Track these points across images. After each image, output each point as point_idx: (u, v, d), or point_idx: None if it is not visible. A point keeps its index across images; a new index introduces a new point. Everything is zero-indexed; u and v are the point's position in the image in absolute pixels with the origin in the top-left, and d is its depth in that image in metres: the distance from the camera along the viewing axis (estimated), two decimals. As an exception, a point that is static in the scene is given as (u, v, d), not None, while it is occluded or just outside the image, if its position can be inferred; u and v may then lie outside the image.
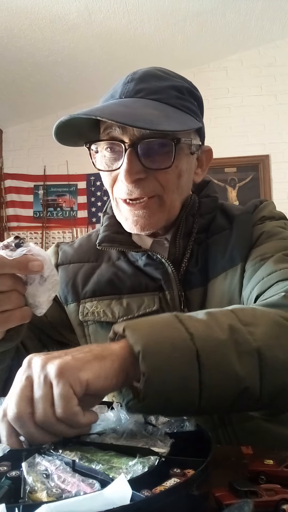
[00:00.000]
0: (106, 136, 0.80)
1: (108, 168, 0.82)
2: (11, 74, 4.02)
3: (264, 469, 0.51)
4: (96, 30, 3.62)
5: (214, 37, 4.02)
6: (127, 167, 0.76)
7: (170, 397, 0.51)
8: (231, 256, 0.85)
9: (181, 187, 0.83)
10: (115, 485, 0.37)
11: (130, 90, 0.80)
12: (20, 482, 0.42)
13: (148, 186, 0.79)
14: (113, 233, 0.90)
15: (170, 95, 0.80)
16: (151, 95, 0.79)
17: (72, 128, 0.80)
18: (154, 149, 0.78)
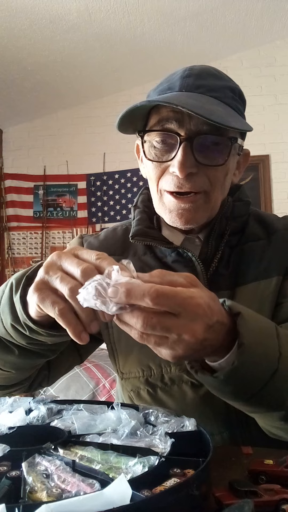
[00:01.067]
0: (161, 127, 0.79)
1: (158, 159, 0.81)
2: (11, 74, 4.02)
3: (264, 469, 0.51)
4: (96, 30, 3.62)
5: (214, 37, 4.02)
6: (182, 159, 0.76)
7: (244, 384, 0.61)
8: (267, 267, 0.85)
9: (225, 186, 0.84)
10: (115, 485, 0.37)
11: (190, 84, 0.79)
12: (20, 482, 0.42)
13: (198, 181, 0.78)
14: (145, 228, 0.90)
15: (227, 95, 0.81)
16: (211, 92, 0.79)
17: (128, 116, 0.79)
18: (208, 145, 0.78)
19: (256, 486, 0.47)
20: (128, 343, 0.88)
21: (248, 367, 0.59)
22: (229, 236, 0.88)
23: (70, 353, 0.95)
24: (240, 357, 0.58)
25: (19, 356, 0.73)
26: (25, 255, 4.79)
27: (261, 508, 0.43)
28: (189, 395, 0.83)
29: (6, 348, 0.72)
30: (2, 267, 4.77)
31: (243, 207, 0.92)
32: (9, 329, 0.69)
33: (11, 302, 0.68)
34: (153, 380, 0.86)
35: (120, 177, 4.63)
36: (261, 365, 0.60)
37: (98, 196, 4.70)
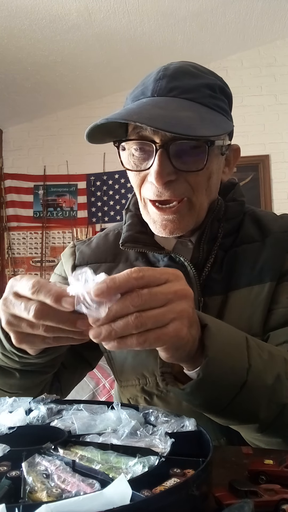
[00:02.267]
0: (136, 135, 0.77)
1: (137, 168, 0.78)
2: (11, 74, 4.02)
3: (264, 469, 0.51)
4: (96, 30, 3.62)
5: (214, 37, 4.02)
6: (158, 168, 0.73)
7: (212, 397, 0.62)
8: (261, 272, 0.83)
9: (210, 188, 0.81)
10: (115, 485, 0.37)
11: (162, 88, 0.76)
12: (20, 482, 0.42)
13: (178, 188, 0.76)
14: (136, 233, 0.87)
15: (204, 94, 0.77)
16: (185, 94, 0.76)
17: (102, 126, 0.77)
18: (186, 150, 0.74)
19: (256, 486, 0.47)
20: (122, 352, 0.88)
21: (214, 380, 0.59)
22: (222, 239, 0.86)
23: (78, 364, 0.95)
24: (205, 370, 0.58)
25: (21, 378, 0.74)
26: (25, 255, 4.79)
27: (261, 508, 0.43)
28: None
29: (6, 372, 0.73)
30: (2, 267, 4.76)
31: (236, 207, 0.89)
32: (1, 357, 0.70)
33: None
34: (149, 388, 0.85)
35: (120, 177, 4.63)
36: (229, 377, 0.60)
37: (98, 196, 4.70)
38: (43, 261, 4.71)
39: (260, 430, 0.66)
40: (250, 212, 0.92)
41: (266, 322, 0.81)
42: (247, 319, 0.81)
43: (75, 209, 4.77)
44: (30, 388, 0.79)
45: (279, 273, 0.83)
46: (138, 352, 0.85)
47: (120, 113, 0.73)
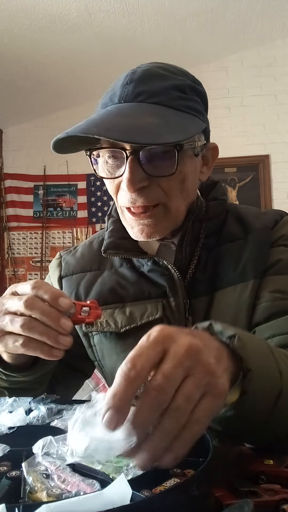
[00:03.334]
0: (107, 143, 0.76)
1: (111, 176, 0.78)
2: (11, 74, 4.02)
3: (264, 469, 0.51)
4: (96, 30, 3.62)
5: (214, 37, 4.02)
6: (129, 175, 0.72)
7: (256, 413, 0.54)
8: (244, 270, 0.83)
9: (186, 190, 0.80)
10: (115, 485, 0.37)
11: (129, 93, 0.76)
12: (20, 482, 0.42)
13: (151, 194, 0.76)
14: (118, 239, 0.87)
15: (172, 97, 0.76)
16: (151, 98, 0.75)
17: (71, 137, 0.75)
18: (157, 155, 0.73)
19: (256, 486, 0.47)
20: (111, 359, 0.87)
21: (256, 394, 0.52)
22: (205, 239, 0.85)
23: (72, 376, 0.95)
24: (249, 385, 0.51)
25: (11, 395, 0.73)
26: (25, 255, 4.79)
27: (261, 508, 0.43)
28: None
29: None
30: (2, 267, 4.76)
31: (218, 207, 0.88)
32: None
33: None
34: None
35: (120, 177, 4.63)
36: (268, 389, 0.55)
37: (98, 196, 4.71)
38: (43, 261, 4.71)
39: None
40: (232, 210, 0.91)
41: (251, 318, 0.81)
42: (233, 318, 0.80)
43: (75, 209, 4.77)
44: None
45: (262, 270, 0.83)
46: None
47: (80, 125, 0.72)
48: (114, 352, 0.86)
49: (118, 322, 0.85)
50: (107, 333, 0.86)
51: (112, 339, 0.86)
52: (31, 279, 4.69)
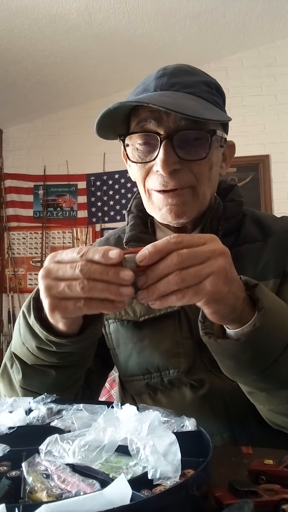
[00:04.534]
0: (140, 129, 0.80)
1: (142, 161, 0.82)
2: (11, 74, 4.02)
3: (264, 469, 0.51)
4: (96, 30, 3.62)
5: (214, 37, 4.02)
6: (164, 157, 0.76)
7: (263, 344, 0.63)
8: (264, 269, 0.85)
9: (212, 179, 0.84)
10: (115, 485, 0.37)
11: (164, 83, 0.80)
12: (20, 482, 0.42)
13: (183, 177, 0.79)
14: (139, 233, 0.91)
15: (202, 90, 0.81)
16: (185, 88, 0.80)
17: (107, 121, 0.80)
18: (189, 141, 0.78)
19: (256, 486, 0.47)
20: (126, 348, 0.89)
21: (268, 332, 0.61)
22: (222, 238, 0.86)
23: (102, 366, 0.97)
24: (261, 319, 0.61)
25: (57, 375, 0.74)
26: (25, 255, 4.79)
27: (261, 508, 0.43)
28: (189, 397, 0.83)
29: (42, 372, 0.74)
30: (2, 267, 4.77)
31: (235, 207, 0.91)
32: (37, 353, 0.70)
33: (29, 328, 0.70)
34: (153, 384, 0.86)
35: (120, 177, 4.63)
36: (278, 333, 0.63)
37: (98, 196, 4.70)
38: (43, 261, 4.70)
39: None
40: (250, 214, 0.95)
41: None
42: None
43: (75, 209, 4.77)
44: (66, 388, 0.78)
45: (282, 271, 0.85)
46: (143, 348, 0.87)
47: (130, 100, 0.77)
48: (130, 341, 0.88)
49: (137, 311, 0.87)
50: (124, 322, 0.89)
51: (129, 328, 0.89)
52: (31, 279, 4.69)
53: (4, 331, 4.65)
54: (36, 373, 0.74)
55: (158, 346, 0.86)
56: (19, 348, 0.74)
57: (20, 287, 4.66)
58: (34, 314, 0.68)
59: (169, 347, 0.85)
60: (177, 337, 0.85)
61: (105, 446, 0.47)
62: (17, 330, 0.75)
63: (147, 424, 0.49)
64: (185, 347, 0.85)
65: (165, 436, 0.48)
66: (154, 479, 0.42)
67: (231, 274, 0.59)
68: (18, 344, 0.74)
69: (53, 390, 0.75)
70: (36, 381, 0.75)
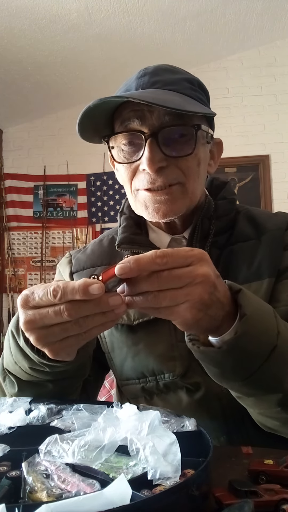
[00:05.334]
0: (124, 129, 0.80)
1: (127, 161, 0.81)
2: (11, 74, 4.02)
3: (264, 469, 0.51)
4: (96, 30, 3.62)
5: (214, 37, 4.02)
6: (149, 155, 0.76)
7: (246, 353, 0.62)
8: (258, 269, 0.84)
9: (200, 175, 0.83)
10: (115, 485, 0.37)
11: (146, 82, 0.80)
12: (20, 482, 0.42)
13: (170, 174, 0.78)
14: (131, 234, 0.90)
15: (184, 86, 0.81)
16: (167, 86, 0.79)
17: (89, 123, 0.80)
18: (174, 138, 0.78)
19: (256, 486, 0.47)
20: (121, 352, 0.88)
21: (250, 339, 0.60)
22: (215, 236, 0.87)
23: (98, 369, 0.96)
24: (243, 327, 0.60)
25: (54, 388, 0.73)
26: (25, 255, 4.79)
27: (261, 508, 0.43)
28: (185, 401, 0.83)
29: (38, 385, 0.72)
30: (2, 267, 4.76)
31: (227, 205, 0.90)
32: (31, 372, 0.69)
33: (19, 349, 0.68)
34: (149, 388, 0.86)
35: (120, 177, 4.63)
36: (262, 339, 0.62)
37: (98, 196, 4.70)
38: (43, 261, 4.70)
39: (281, 403, 0.66)
40: (244, 211, 0.94)
41: None
42: None
43: (75, 209, 4.77)
44: (64, 395, 0.77)
45: (277, 270, 0.84)
46: (138, 352, 0.86)
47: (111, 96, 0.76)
48: (125, 344, 0.88)
49: (131, 315, 0.86)
50: (119, 326, 0.88)
51: (123, 332, 0.88)
52: (31, 279, 4.69)
53: (4, 331, 4.65)
54: (32, 387, 0.73)
55: (153, 350, 0.85)
56: (11, 366, 0.72)
57: (20, 287, 4.66)
58: (23, 336, 0.65)
59: (164, 350, 0.84)
60: (171, 340, 0.84)
61: (105, 446, 0.47)
62: (7, 348, 0.72)
63: (147, 424, 0.49)
64: (180, 350, 0.83)
65: (165, 436, 0.48)
66: (154, 480, 0.42)
67: (210, 300, 0.57)
68: (10, 362, 0.72)
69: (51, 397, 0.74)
70: (32, 394, 0.74)
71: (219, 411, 0.81)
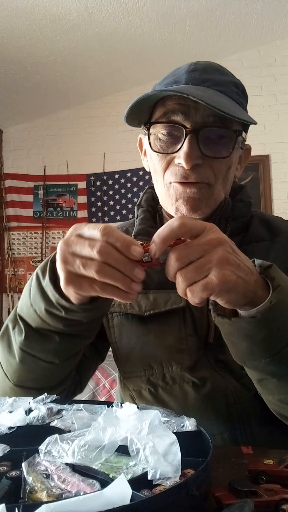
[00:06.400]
0: (167, 119, 0.80)
1: (164, 151, 0.81)
2: (11, 74, 4.02)
3: (264, 469, 0.51)
4: (96, 30, 3.62)
5: (214, 37, 4.02)
6: (188, 150, 0.76)
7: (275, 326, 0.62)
8: None
9: (228, 179, 0.84)
10: (115, 485, 0.37)
11: (196, 78, 0.81)
12: (20, 482, 0.42)
13: (204, 172, 0.79)
14: (148, 227, 0.91)
15: (232, 90, 0.82)
16: (216, 86, 0.80)
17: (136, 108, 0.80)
18: (213, 138, 0.79)
19: (256, 486, 0.47)
20: (130, 342, 0.89)
21: (284, 309, 0.60)
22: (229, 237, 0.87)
23: (95, 354, 0.96)
24: (278, 296, 0.60)
25: (60, 342, 0.72)
26: (25, 255, 4.79)
27: (261, 508, 0.43)
28: (191, 395, 0.83)
29: (45, 337, 0.72)
30: (2, 267, 4.77)
31: (244, 208, 0.92)
32: (44, 316, 0.69)
33: (41, 289, 0.69)
34: (155, 380, 0.86)
35: (120, 177, 4.63)
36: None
37: (98, 196, 4.71)
38: (43, 261, 4.70)
39: None
40: (258, 215, 0.96)
41: None
42: None
43: (75, 209, 4.77)
44: (66, 358, 0.77)
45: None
46: (147, 343, 0.87)
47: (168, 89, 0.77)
48: (134, 335, 0.88)
49: (142, 306, 0.87)
50: (129, 316, 0.88)
51: (134, 322, 0.88)
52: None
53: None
54: (40, 337, 0.73)
55: (162, 341, 0.86)
56: (25, 310, 0.73)
57: (20, 287, 4.66)
58: (49, 275, 0.68)
59: (173, 342, 0.85)
60: (181, 334, 0.85)
61: (105, 446, 0.47)
62: (26, 291, 0.74)
63: (147, 423, 0.49)
64: (189, 344, 0.84)
65: (166, 436, 0.48)
66: (154, 480, 0.42)
67: (235, 261, 0.58)
68: (26, 305, 0.73)
69: (52, 357, 0.74)
70: (38, 345, 0.73)
71: (224, 408, 0.81)
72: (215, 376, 0.83)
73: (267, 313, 0.60)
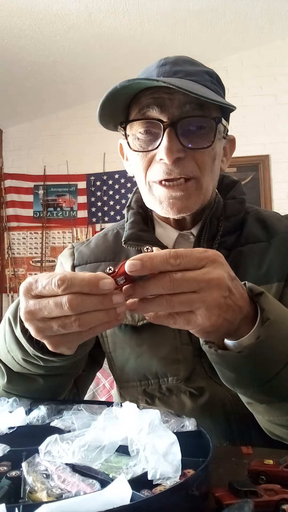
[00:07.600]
0: (142, 116, 0.78)
1: (143, 149, 0.79)
2: (11, 74, 4.02)
3: (264, 469, 0.51)
4: (96, 30, 3.62)
5: (214, 37, 4.02)
6: (168, 144, 0.74)
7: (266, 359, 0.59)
8: (267, 272, 0.82)
9: (214, 171, 0.82)
10: (115, 485, 0.37)
11: (167, 71, 0.79)
12: (20, 482, 0.42)
13: (187, 166, 0.77)
14: (139, 231, 0.88)
15: (205, 79, 0.80)
16: (189, 76, 0.78)
17: (108, 108, 0.78)
18: (193, 129, 0.77)
19: (256, 486, 0.47)
20: (124, 352, 0.87)
21: (272, 344, 0.58)
22: (223, 237, 0.85)
23: (91, 364, 0.94)
24: (266, 331, 0.57)
25: (45, 383, 0.70)
26: (25, 255, 4.79)
27: (261, 508, 0.43)
28: (188, 405, 0.81)
29: (29, 379, 0.70)
30: (2, 267, 4.77)
31: (236, 205, 0.89)
32: (24, 364, 0.66)
33: (15, 338, 0.65)
34: (151, 391, 0.84)
35: (120, 177, 4.63)
36: (285, 344, 0.59)
37: (98, 196, 4.71)
38: (43, 261, 4.71)
39: None
40: (254, 212, 0.92)
41: None
42: None
43: (75, 209, 4.77)
44: (53, 394, 0.75)
45: (286, 275, 0.82)
46: (141, 354, 0.85)
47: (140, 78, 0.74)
48: (128, 345, 0.86)
49: (135, 315, 0.84)
50: (122, 326, 0.86)
51: (126, 332, 0.86)
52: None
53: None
54: (22, 380, 0.70)
55: (157, 352, 0.83)
56: (3, 355, 0.69)
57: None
58: (20, 325, 0.62)
59: (168, 353, 0.83)
60: (176, 343, 0.83)
61: (105, 446, 0.47)
62: (1, 335, 0.69)
63: (147, 423, 0.49)
64: (185, 353, 0.82)
65: (166, 436, 0.48)
66: (154, 480, 0.42)
67: (227, 304, 0.55)
68: (3, 351, 0.68)
69: (39, 395, 0.71)
70: (22, 387, 0.71)
71: (222, 417, 0.80)
72: (212, 385, 0.81)
73: (255, 349, 0.57)
